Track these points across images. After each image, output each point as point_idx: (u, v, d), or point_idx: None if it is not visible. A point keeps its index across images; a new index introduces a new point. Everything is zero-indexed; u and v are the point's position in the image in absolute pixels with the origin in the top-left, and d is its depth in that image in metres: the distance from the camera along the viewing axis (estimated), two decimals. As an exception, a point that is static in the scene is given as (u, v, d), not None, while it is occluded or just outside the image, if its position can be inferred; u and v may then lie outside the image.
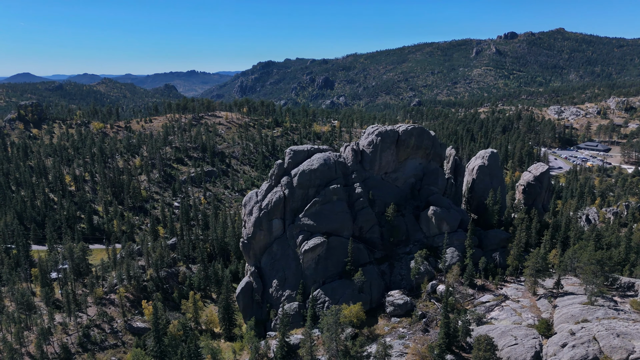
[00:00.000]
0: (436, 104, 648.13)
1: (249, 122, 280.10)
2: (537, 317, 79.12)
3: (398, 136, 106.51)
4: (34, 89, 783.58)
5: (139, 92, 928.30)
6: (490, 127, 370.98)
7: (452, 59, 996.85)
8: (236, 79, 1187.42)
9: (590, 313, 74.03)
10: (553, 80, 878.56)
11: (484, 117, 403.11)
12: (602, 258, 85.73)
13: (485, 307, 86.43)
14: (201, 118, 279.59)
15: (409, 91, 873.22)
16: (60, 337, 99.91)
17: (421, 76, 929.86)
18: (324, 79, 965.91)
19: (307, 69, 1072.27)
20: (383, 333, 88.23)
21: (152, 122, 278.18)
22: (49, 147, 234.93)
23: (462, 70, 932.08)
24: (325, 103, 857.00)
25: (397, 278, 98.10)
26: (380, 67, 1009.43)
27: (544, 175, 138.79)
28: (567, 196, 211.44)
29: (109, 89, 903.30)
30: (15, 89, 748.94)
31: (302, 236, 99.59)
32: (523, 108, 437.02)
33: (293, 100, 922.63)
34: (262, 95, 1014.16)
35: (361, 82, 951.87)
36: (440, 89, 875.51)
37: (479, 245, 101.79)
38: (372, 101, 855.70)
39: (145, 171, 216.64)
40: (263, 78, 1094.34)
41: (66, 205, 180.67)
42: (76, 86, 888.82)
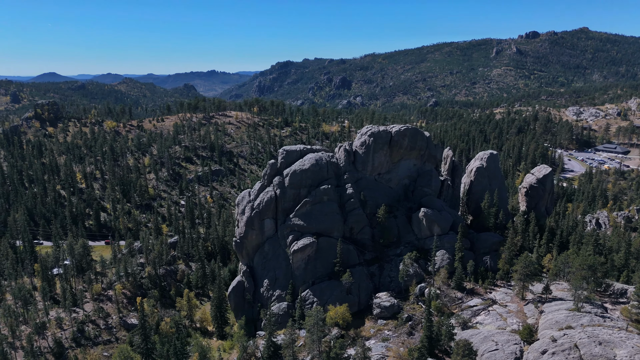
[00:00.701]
0: (453, 105, 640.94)
1: (258, 122, 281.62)
2: (523, 322, 77.62)
3: (391, 137, 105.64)
4: (57, 89, 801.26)
5: (158, 92, 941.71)
6: (505, 128, 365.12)
7: (471, 58, 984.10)
8: (255, 79, 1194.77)
9: (576, 320, 72.28)
10: (575, 80, 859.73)
11: (499, 118, 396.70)
12: (594, 263, 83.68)
13: (472, 311, 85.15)
14: (212, 118, 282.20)
15: (427, 91, 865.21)
16: (55, 332, 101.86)
17: (439, 76, 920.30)
18: (342, 79, 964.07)
19: (324, 69, 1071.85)
20: (369, 335, 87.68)
21: (164, 121, 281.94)
22: (62, 145, 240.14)
23: (481, 71, 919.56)
24: (342, 103, 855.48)
25: (386, 280, 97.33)
26: (398, 67, 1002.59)
27: (547, 178, 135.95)
28: (578, 199, 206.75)
29: (130, 89, 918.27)
30: (39, 88, 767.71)
31: (292, 236, 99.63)
32: (540, 109, 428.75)
33: (310, 100, 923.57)
34: (279, 95, 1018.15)
35: (378, 82, 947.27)
36: (459, 89, 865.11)
37: (470, 248, 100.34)
38: (389, 101, 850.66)
39: (154, 170, 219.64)
40: (281, 78, 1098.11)
41: (75, 202, 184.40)
42: (98, 85, 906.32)
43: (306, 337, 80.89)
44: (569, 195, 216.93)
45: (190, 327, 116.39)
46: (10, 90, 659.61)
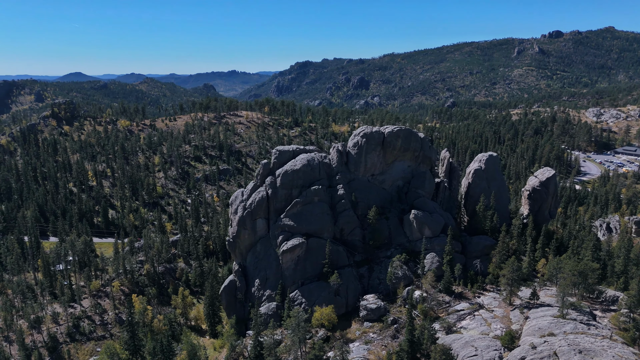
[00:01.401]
0: (471, 105, 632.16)
1: (268, 121, 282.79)
2: (507, 328, 76.09)
3: (383, 138, 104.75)
4: (80, 88, 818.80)
5: (178, 91, 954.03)
6: (521, 130, 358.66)
7: (492, 58, 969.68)
8: (274, 79, 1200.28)
9: (559, 327, 70.59)
10: (600, 81, 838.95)
11: (516, 119, 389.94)
12: (585, 269, 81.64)
13: (458, 315, 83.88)
14: (223, 117, 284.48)
15: (446, 91, 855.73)
16: (51, 327, 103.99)
17: (459, 76, 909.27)
18: (360, 78, 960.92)
19: (343, 68, 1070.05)
20: (354, 337, 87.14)
21: (176, 120, 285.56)
22: (76, 143, 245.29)
23: (502, 71, 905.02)
24: (359, 103, 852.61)
25: (375, 282, 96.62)
26: (417, 67, 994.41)
27: (550, 181, 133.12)
28: (590, 203, 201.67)
29: (150, 88, 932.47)
30: (62, 87, 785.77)
31: (282, 237, 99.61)
32: (559, 110, 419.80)
33: (327, 100, 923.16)
34: (297, 95, 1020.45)
35: (397, 82, 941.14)
36: (479, 89, 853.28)
37: (462, 251, 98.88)
38: (407, 101, 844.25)
39: (163, 168, 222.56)
40: (299, 78, 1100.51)
41: (84, 199, 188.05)
42: (120, 85, 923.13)
43: (287, 338, 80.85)
44: (582, 198, 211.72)
45: (185, 325, 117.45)
46: (34, 90, 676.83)
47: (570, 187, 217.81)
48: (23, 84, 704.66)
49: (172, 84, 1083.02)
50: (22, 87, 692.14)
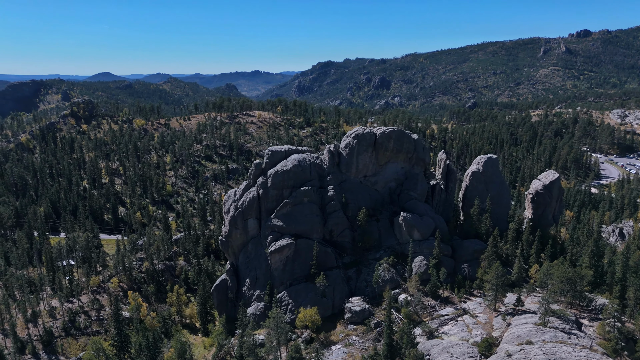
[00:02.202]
0: (493, 106, 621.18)
1: (280, 121, 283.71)
2: (488, 334, 74.50)
3: (375, 139, 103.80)
4: (106, 88, 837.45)
5: (201, 91, 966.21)
6: (540, 131, 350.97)
7: (516, 58, 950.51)
8: (295, 79, 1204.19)
9: (539, 335, 68.67)
10: (629, 82, 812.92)
11: (536, 121, 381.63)
12: (573, 276, 79.34)
13: (441, 320, 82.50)
14: (235, 117, 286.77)
15: (468, 92, 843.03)
16: (47, 321, 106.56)
17: (482, 76, 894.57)
18: (381, 78, 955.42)
19: (364, 68, 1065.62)
20: (337, 340, 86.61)
21: (190, 120, 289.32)
22: (92, 142, 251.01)
23: (526, 71, 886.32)
24: (380, 103, 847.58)
25: (362, 284, 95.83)
26: (439, 67, 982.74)
27: (554, 184, 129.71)
28: (604, 207, 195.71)
29: (174, 88, 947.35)
30: (89, 87, 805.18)
31: (272, 237, 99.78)
32: (581, 111, 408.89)
33: (348, 100, 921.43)
34: (318, 95, 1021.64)
35: (418, 82, 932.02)
36: (502, 89, 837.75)
37: (452, 255, 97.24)
38: (428, 102, 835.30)
39: (174, 167, 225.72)
40: (320, 78, 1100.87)
41: (95, 196, 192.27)
42: (144, 85, 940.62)
43: (267, 339, 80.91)
44: (596, 202, 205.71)
45: (180, 323, 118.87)
46: (61, 89, 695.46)
47: (585, 191, 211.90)
48: (51, 84, 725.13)
49: (195, 83, 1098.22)
50: (50, 87, 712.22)
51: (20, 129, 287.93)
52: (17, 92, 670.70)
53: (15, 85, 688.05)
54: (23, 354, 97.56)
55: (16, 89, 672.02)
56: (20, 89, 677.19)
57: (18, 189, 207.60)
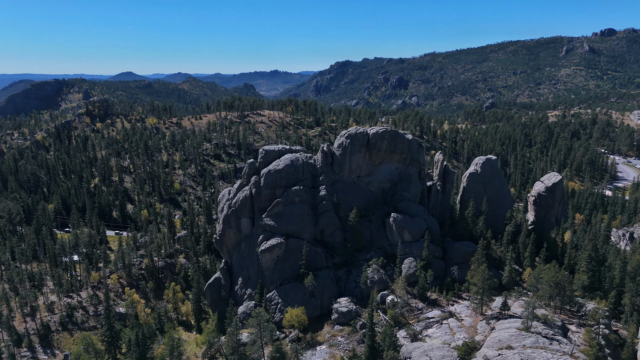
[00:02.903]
0: (511, 106, 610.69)
1: (290, 121, 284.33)
2: (471, 338, 73.40)
3: (368, 139, 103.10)
4: (126, 87, 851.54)
5: (219, 91, 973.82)
6: (557, 132, 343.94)
7: (538, 58, 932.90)
8: (313, 79, 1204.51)
9: (520, 340, 67.34)
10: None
11: (553, 121, 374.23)
12: (561, 280, 77.58)
13: (426, 323, 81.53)
14: (246, 116, 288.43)
15: (487, 92, 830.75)
16: (45, 316, 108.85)
17: (502, 76, 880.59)
18: (398, 78, 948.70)
19: (382, 68, 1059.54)
20: (323, 340, 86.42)
21: (201, 119, 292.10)
22: (104, 140, 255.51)
23: (548, 70, 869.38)
24: (397, 103, 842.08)
25: (351, 285, 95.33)
26: (458, 67, 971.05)
27: (557, 187, 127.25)
28: (616, 211, 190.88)
29: (192, 87, 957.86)
30: (109, 86, 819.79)
31: (263, 236, 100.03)
32: (601, 112, 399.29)
33: (365, 100, 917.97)
34: (335, 95, 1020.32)
35: (437, 82, 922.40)
36: (522, 89, 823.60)
37: (442, 257, 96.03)
38: (446, 102, 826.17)
39: (183, 166, 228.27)
40: (338, 78, 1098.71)
41: (104, 193, 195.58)
42: (163, 84, 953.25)
43: (250, 338, 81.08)
44: (608, 205, 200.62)
45: (177, 320, 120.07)
46: (82, 88, 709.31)
47: (597, 193, 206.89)
48: (73, 83, 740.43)
49: (214, 83, 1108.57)
50: (72, 86, 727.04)
51: (37, 127, 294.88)
52: (40, 91, 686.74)
53: (38, 85, 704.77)
54: (19, 347, 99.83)
55: (39, 88, 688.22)
56: (43, 88, 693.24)
57: (31, 185, 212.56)
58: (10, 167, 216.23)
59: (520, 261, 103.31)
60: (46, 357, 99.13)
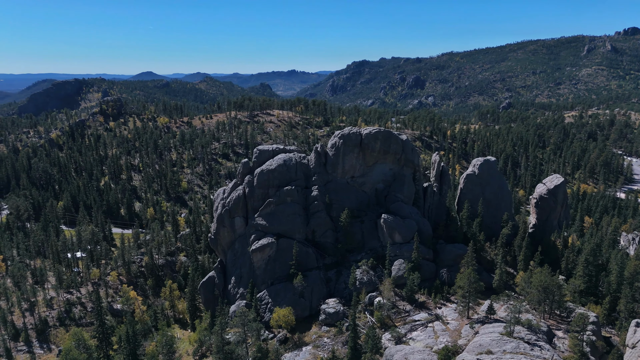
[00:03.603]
0: (529, 107, 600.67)
1: (299, 121, 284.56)
2: (454, 342, 72.38)
3: (361, 139, 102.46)
4: (144, 86, 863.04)
5: (235, 90, 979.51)
6: (573, 133, 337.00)
7: (558, 57, 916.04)
8: (329, 79, 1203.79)
9: (501, 345, 66.15)
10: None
11: (569, 122, 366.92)
12: (550, 285, 75.93)
13: (412, 325, 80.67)
14: (255, 116, 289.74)
15: (505, 92, 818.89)
16: (44, 311, 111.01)
17: (520, 76, 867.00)
18: (415, 78, 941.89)
19: (399, 68, 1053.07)
20: (309, 341, 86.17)
21: (212, 118, 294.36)
22: (116, 139, 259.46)
23: (568, 70, 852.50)
24: (413, 103, 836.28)
25: (341, 286, 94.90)
26: (476, 67, 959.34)
27: (559, 189, 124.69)
28: (628, 214, 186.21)
29: (209, 87, 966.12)
30: (128, 85, 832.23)
31: (254, 236, 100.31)
32: (619, 112, 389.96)
33: (381, 100, 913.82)
34: (351, 95, 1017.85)
35: (454, 82, 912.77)
36: (541, 89, 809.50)
37: (433, 259, 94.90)
38: (462, 102, 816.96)
39: (191, 164, 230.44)
40: (354, 77, 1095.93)
41: (111, 191, 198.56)
42: (181, 84, 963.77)
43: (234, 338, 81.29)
44: (620, 208, 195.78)
45: (173, 317, 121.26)
46: (102, 88, 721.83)
47: (609, 196, 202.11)
48: (92, 82, 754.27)
49: (230, 83, 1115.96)
50: (91, 85, 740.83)
51: (52, 126, 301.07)
52: (61, 90, 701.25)
53: (59, 84, 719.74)
54: (17, 341, 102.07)
55: (60, 88, 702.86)
56: (64, 88, 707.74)
57: (43, 183, 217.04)
58: (24, 164, 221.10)
59: (517, 265, 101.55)
60: (42, 352, 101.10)
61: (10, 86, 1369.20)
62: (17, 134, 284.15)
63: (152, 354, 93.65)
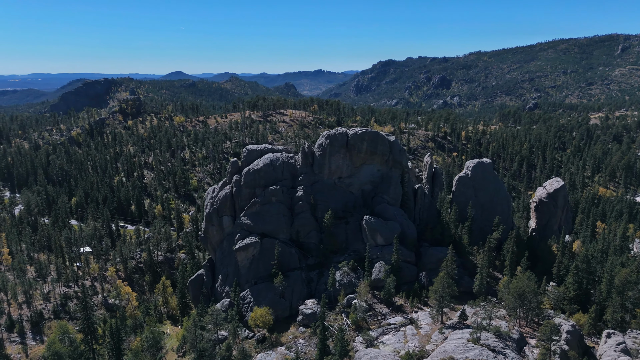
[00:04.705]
0: (557, 107, 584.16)
1: (311, 120, 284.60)
2: (422, 347, 71.12)
3: (347, 140, 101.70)
4: (171, 86, 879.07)
5: (260, 90, 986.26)
6: (598, 135, 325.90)
7: (590, 57, 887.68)
8: (355, 78, 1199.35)
9: (464, 351, 64.66)
10: None
11: (594, 124, 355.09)
12: (524, 291, 73.73)
13: (384, 329, 79.61)
14: (269, 115, 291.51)
15: (533, 92, 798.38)
16: (40, 304, 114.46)
17: (550, 76, 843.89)
18: (441, 77, 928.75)
19: (425, 67, 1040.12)
20: (285, 341, 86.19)
21: (227, 117, 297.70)
22: (132, 137, 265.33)
23: (601, 70, 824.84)
24: (438, 103, 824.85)
25: (322, 287, 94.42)
26: (504, 66, 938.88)
27: (559, 193, 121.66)
28: None
29: (234, 87, 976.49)
30: (155, 85, 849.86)
31: (239, 235, 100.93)
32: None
33: (405, 100, 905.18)
34: (376, 95, 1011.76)
35: (480, 82, 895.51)
36: (571, 90, 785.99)
37: (416, 262, 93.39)
38: (489, 102, 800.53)
39: (202, 163, 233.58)
40: (379, 77, 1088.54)
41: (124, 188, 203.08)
42: (207, 84, 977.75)
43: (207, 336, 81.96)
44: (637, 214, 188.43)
45: (166, 314, 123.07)
46: (129, 87, 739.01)
47: (626, 201, 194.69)
48: (120, 82, 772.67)
49: (255, 82, 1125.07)
50: (120, 84, 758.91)
51: (74, 124, 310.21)
52: (91, 89, 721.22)
53: (88, 84, 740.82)
54: (11, 332, 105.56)
55: (89, 87, 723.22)
56: (93, 87, 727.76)
57: (59, 179, 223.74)
58: (42, 161, 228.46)
59: (500, 269, 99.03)
60: (34, 343, 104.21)
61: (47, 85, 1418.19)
62: (40, 132, 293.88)
63: (136, 349, 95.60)
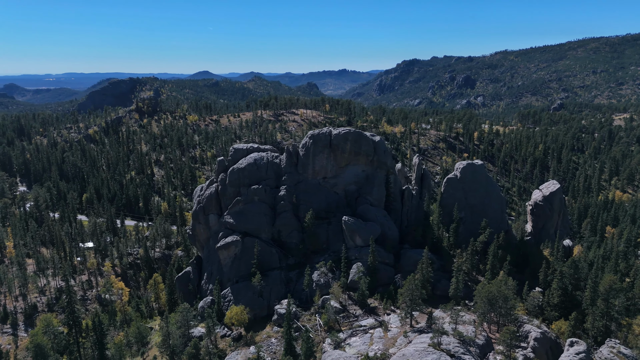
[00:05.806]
0: (583, 108, 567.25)
1: (321, 120, 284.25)
2: (385, 350, 70.24)
3: (330, 140, 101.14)
4: (195, 85, 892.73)
5: (282, 89, 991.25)
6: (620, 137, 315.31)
7: (622, 56, 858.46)
8: (378, 78, 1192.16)
9: (423, 356, 63.60)
10: None
11: (617, 125, 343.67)
12: (494, 297, 71.97)
13: (355, 330, 78.90)
14: (280, 115, 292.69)
15: (561, 92, 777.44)
16: (35, 297, 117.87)
17: (579, 75, 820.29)
18: (465, 77, 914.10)
19: (449, 67, 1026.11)
20: (259, 340, 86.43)
21: (239, 117, 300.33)
22: (146, 135, 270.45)
23: (633, 69, 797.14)
24: (461, 103, 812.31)
25: (300, 287, 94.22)
26: (531, 66, 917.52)
27: (555, 196, 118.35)
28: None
29: (257, 86, 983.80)
30: (178, 84, 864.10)
31: (222, 233, 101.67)
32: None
33: (428, 100, 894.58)
34: (399, 94, 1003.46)
35: (506, 82, 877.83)
36: (601, 90, 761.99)
37: (394, 264, 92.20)
38: (514, 102, 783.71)
39: (211, 161, 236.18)
40: (403, 76, 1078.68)
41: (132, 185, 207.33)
42: (230, 83, 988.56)
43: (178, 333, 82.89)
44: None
45: (157, 310, 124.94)
46: (154, 86, 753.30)
47: (636, 205, 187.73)
48: (145, 81, 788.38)
49: (278, 82, 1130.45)
50: (145, 84, 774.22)
51: (93, 122, 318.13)
52: (116, 88, 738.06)
53: (114, 83, 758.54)
54: (4, 323, 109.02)
55: (115, 86, 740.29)
56: (119, 86, 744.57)
57: (72, 176, 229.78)
58: (57, 158, 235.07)
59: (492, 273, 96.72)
60: (25, 335, 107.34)
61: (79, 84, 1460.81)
62: (60, 130, 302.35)
63: (119, 343, 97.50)
